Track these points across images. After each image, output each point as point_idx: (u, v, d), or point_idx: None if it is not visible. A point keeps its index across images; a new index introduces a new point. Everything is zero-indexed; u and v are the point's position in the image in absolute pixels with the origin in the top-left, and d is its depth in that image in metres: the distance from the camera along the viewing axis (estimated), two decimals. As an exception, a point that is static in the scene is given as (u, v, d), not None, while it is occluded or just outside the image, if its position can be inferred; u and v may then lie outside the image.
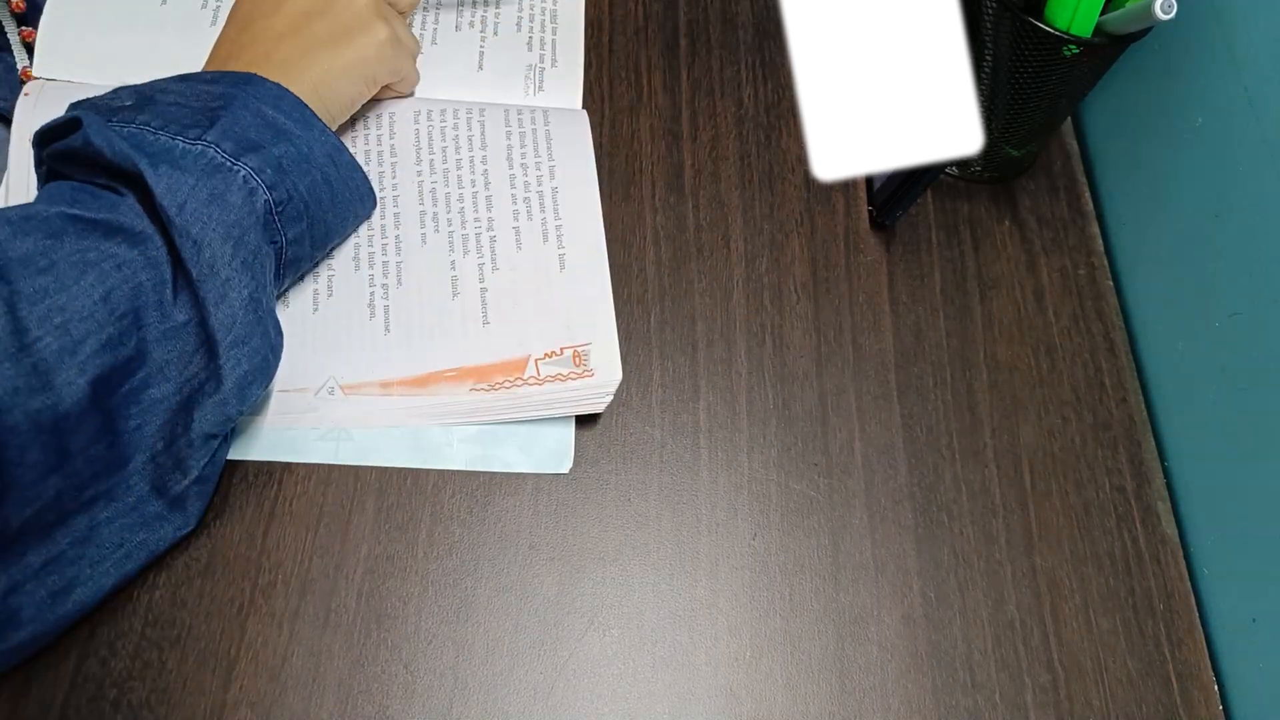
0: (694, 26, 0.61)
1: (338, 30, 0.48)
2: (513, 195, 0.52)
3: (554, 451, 0.47)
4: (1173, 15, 0.44)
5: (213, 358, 0.40)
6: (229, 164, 0.41)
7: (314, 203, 0.45)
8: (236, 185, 0.41)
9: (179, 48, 0.53)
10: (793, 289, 0.53)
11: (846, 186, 0.57)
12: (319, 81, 0.47)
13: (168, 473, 0.40)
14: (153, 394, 0.39)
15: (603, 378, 0.47)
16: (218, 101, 0.43)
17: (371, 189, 0.49)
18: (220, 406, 0.40)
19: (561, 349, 0.48)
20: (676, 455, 0.48)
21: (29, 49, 0.52)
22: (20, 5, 0.52)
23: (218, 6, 0.55)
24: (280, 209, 0.43)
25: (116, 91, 0.44)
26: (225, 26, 0.49)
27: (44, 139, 0.42)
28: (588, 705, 0.43)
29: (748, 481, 0.48)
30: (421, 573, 0.44)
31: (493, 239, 0.50)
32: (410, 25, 0.57)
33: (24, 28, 0.52)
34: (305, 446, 0.46)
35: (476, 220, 0.51)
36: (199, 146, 0.41)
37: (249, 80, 0.44)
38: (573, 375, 0.47)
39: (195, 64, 0.53)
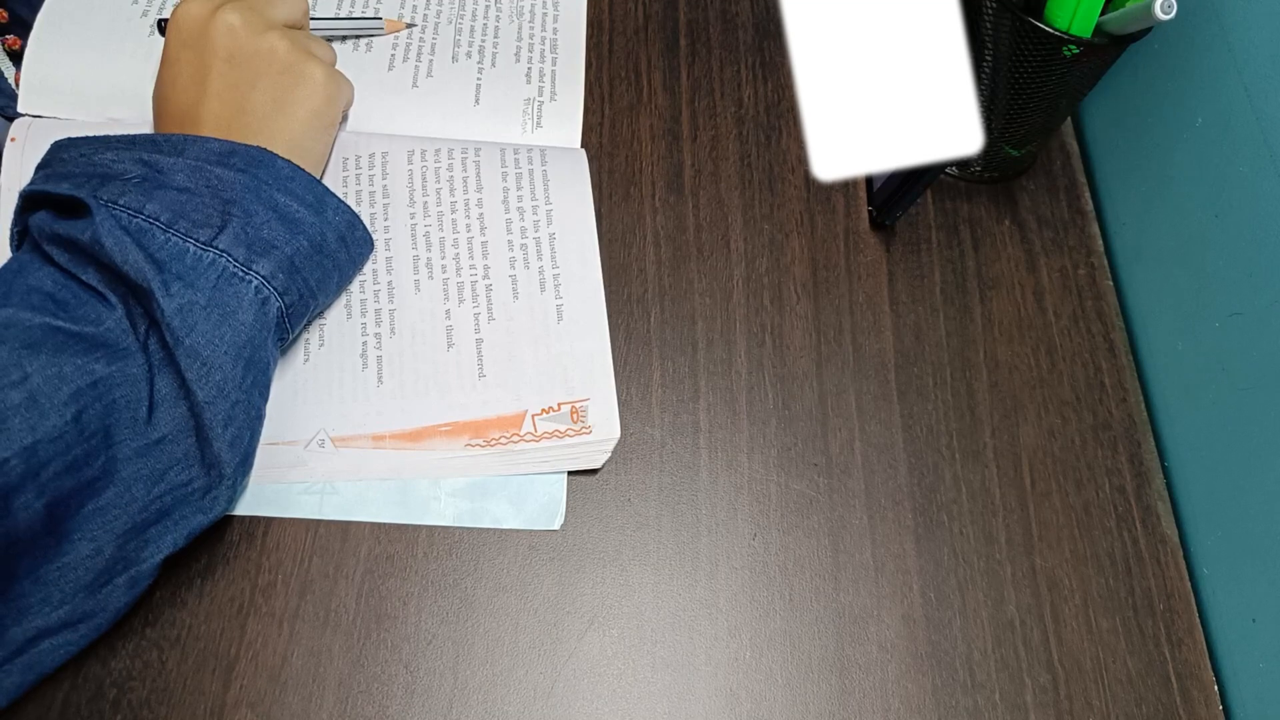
0: (694, 26, 0.61)
1: (278, 91, 0.45)
2: (509, 241, 0.50)
3: (545, 506, 0.46)
4: (1173, 15, 0.44)
5: (211, 478, 0.39)
6: (240, 274, 0.40)
7: (321, 292, 0.44)
8: (249, 299, 0.40)
9: None
10: (793, 289, 0.53)
11: (846, 186, 0.57)
12: (291, 149, 0.45)
13: (106, 578, 0.39)
14: (115, 513, 0.38)
15: (600, 434, 0.46)
16: (229, 191, 0.41)
17: (373, 244, 0.48)
18: (198, 524, 0.40)
19: (559, 404, 0.47)
20: (676, 455, 0.48)
21: (12, 56, 0.52)
22: (3, 15, 0.51)
23: None
24: (290, 310, 0.43)
25: (119, 153, 0.41)
26: (156, 120, 0.46)
27: (35, 200, 0.40)
28: (588, 705, 0.43)
29: (748, 481, 0.48)
30: (421, 573, 0.44)
31: (489, 288, 0.49)
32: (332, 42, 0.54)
33: (7, 36, 0.52)
34: (289, 501, 0.44)
35: (472, 268, 0.49)
36: (210, 254, 0.40)
37: (259, 162, 0.42)
38: (570, 432, 0.46)
39: None
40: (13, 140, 0.49)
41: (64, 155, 0.42)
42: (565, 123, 0.56)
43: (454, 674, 0.42)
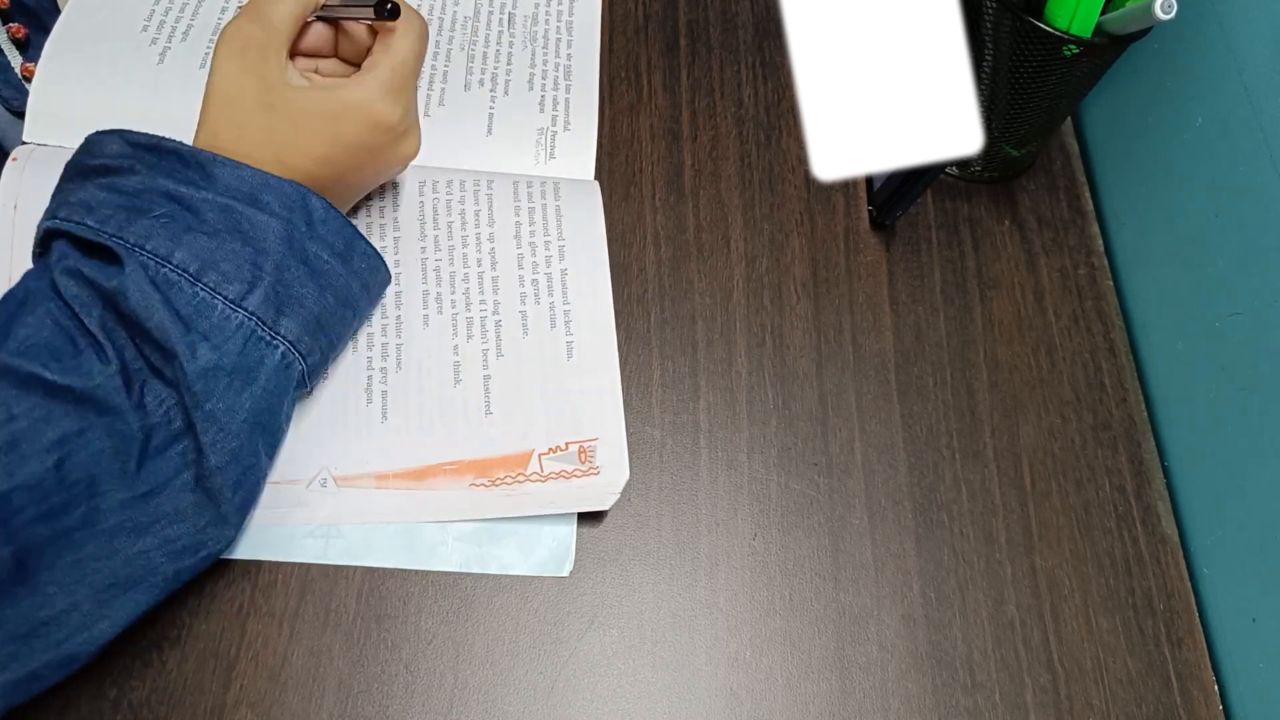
0: (694, 26, 0.61)
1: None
2: (520, 277, 0.49)
3: (554, 552, 0.45)
4: (1173, 15, 0.44)
5: (207, 536, 0.39)
6: (268, 338, 0.39)
7: (341, 343, 0.44)
8: (273, 364, 0.39)
9: (176, 110, 0.49)
10: (793, 289, 0.53)
11: (846, 186, 0.57)
12: (336, 187, 0.44)
13: (73, 630, 0.37)
14: (95, 565, 0.36)
15: (609, 476, 0.46)
16: (261, 239, 0.39)
17: (390, 280, 0.47)
18: (189, 568, 0.39)
19: (566, 444, 0.46)
20: (676, 455, 0.48)
21: (18, 45, 0.51)
22: (5, 1, 0.51)
23: None
24: (312, 370, 0.42)
25: (142, 179, 0.39)
26: (220, 106, 0.42)
27: (53, 234, 0.39)
28: (588, 705, 0.43)
29: (748, 481, 0.48)
30: (421, 573, 0.44)
31: (498, 323, 0.48)
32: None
33: (10, 24, 0.51)
34: (292, 545, 0.44)
35: (482, 303, 0.48)
36: (239, 316, 0.38)
37: (294, 205, 0.40)
38: (577, 473, 0.45)
39: (194, 128, 0.49)
40: (14, 160, 0.48)
41: (87, 161, 0.40)
42: (579, 153, 0.54)
43: (454, 674, 0.42)
